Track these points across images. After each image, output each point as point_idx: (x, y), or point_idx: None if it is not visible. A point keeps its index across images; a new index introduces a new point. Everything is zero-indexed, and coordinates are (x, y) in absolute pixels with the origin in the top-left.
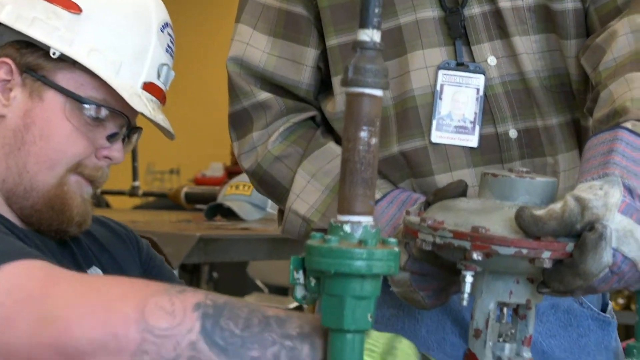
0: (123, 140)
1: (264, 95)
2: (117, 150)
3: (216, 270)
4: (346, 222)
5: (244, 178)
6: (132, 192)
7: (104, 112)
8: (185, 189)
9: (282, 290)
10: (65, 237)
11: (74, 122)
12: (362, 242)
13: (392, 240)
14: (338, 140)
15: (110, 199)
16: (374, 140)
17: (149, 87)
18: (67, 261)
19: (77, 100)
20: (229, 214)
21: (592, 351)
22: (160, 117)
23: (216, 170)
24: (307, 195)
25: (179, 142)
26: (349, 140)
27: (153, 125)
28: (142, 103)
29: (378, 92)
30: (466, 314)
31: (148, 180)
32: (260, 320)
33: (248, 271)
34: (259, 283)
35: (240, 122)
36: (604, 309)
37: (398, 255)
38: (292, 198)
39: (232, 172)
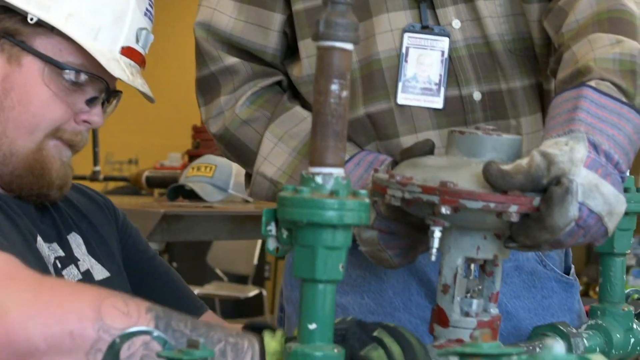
0: (102, 104)
1: (231, 60)
2: (96, 115)
3: (175, 259)
4: (318, 174)
5: (205, 160)
6: (93, 177)
7: (82, 77)
8: (146, 173)
9: (242, 279)
10: (46, 201)
11: (52, 88)
12: (333, 193)
13: (363, 192)
14: (304, 105)
15: None
16: (344, 93)
17: (127, 51)
18: (47, 226)
19: (56, 65)
20: (191, 195)
21: (555, 312)
22: (139, 82)
23: (174, 160)
24: (274, 157)
25: (137, 132)
26: (320, 93)
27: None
28: (120, 68)
29: (349, 46)
30: (432, 275)
31: (107, 170)
32: (204, 324)
33: (208, 260)
34: (218, 272)
35: (207, 87)
36: (567, 271)
37: (369, 206)
38: (259, 161)
39: (193, 155)
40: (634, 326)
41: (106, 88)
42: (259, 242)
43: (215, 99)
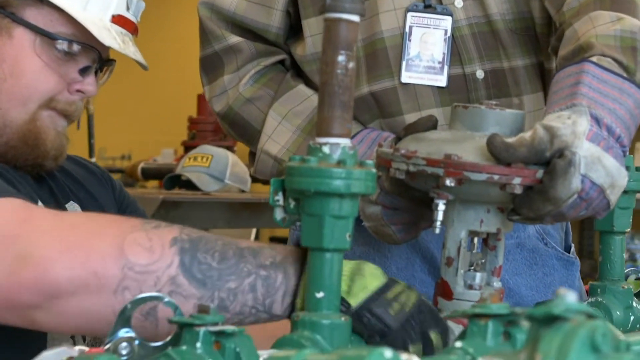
0: (96, 73)
1: (234, 39)
2: (89, 84)
3: None
4: (325, 144)
5: (202, 150)
6: None
7: (74, 47)
8: (142, 165)
9: None
10: (42, 171)
11: (44, 59)
12: (340, 163)
13: (369, 162)
14: (308, 84)
15: None
16: (351, 65)
17: (118, 19)
18: (44, 195)
19: (47, 36)
20: (188, 185)
21: (556, 289)
22: (131, 50)
23: (167, 156)
24: (278, 135)
25: (130, 128)
26: (327, 64)
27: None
28: (111, 36)
29: (355, 18)
30: (436, 252)
31: (100, 165)
32: (234, 252)
33: None
34: None
35: (211, 65)
36: (567, 250)
37: (375, 175)
38: (263, 139)
39: (188, 146)
40: (634, 304)
41: (99, 57)
42: (252, 236)
43: (218, 78)
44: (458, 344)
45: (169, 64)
